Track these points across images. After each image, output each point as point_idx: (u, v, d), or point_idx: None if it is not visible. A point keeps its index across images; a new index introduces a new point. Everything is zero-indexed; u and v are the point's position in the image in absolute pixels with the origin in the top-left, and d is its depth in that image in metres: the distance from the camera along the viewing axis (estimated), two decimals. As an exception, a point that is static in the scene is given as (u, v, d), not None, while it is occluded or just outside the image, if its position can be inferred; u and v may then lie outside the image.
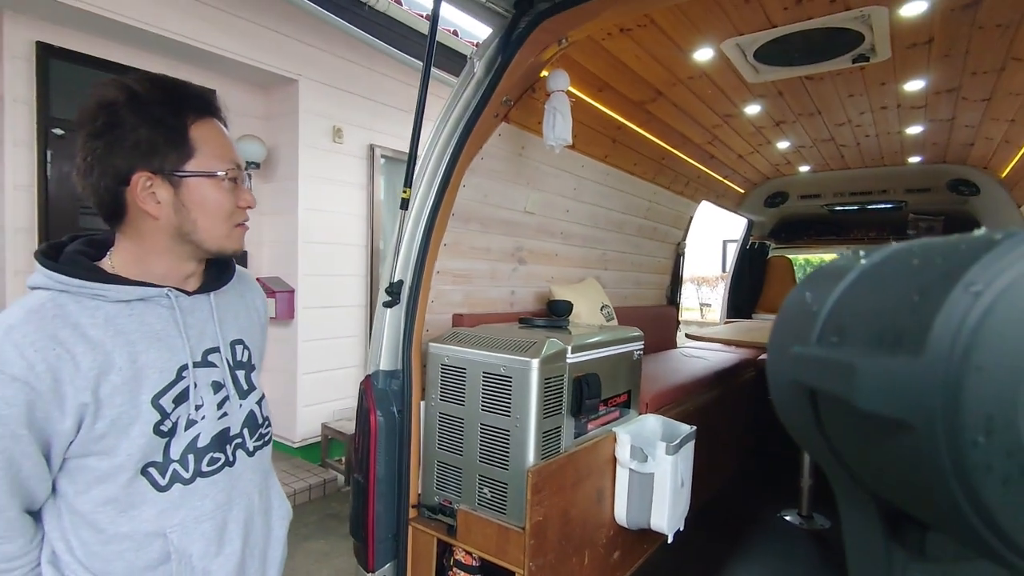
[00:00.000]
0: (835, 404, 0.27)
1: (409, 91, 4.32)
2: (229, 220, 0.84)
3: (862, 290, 0.28)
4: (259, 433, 0.96)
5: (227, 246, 0.85)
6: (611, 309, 2.56)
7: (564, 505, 1.60)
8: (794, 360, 0.31)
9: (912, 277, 0.24)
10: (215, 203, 0.81)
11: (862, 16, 1.68)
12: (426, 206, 1.69)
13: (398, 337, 1.69)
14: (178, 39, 2.97)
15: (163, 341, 0.81)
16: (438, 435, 1.68)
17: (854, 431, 0.27)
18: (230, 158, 0.83)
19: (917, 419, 0.21)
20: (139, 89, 0.77)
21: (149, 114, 0.76)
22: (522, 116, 1.97)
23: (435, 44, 1.66)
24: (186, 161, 0.79)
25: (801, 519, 2.53)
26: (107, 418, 0.75)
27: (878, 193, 3.87)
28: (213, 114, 0.83)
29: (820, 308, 0.30)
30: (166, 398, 0.80)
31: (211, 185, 0.81)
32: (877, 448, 0.25)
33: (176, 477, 0.82)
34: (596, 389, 1.69)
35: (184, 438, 0.83)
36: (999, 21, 1.64)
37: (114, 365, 0.75)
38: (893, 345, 0.23)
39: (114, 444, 0.76)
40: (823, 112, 2.59)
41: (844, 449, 0.29)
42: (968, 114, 2.45)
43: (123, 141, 0.75)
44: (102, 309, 0.76)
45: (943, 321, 0.21)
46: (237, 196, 0.84)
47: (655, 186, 3.11)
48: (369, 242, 4.15)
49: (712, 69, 2.13)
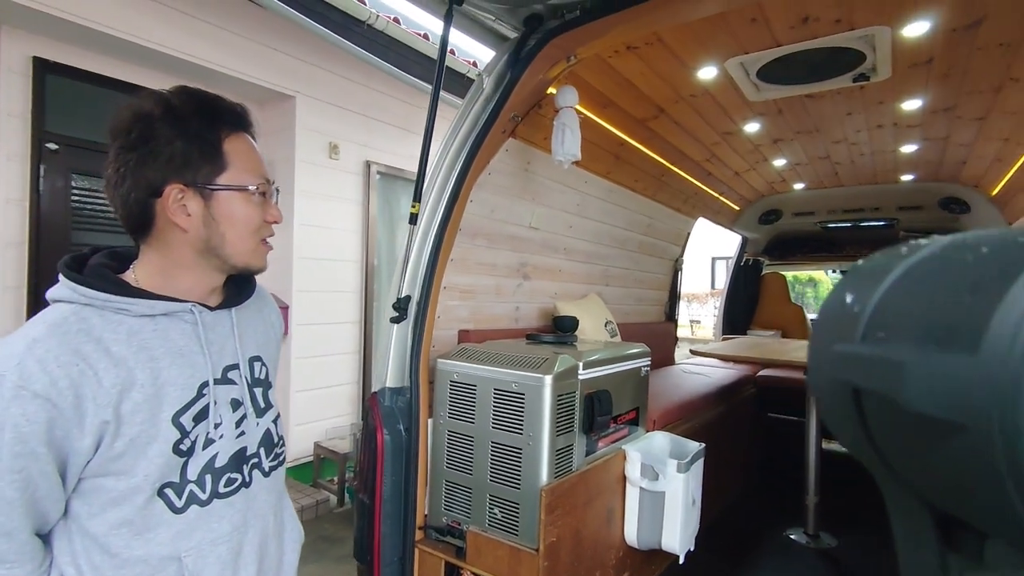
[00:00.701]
0: (882, 404, 0.26)
1: (405, 108, 4.34)
2: (256, 235, 0.84)
3: (910, 286, 0.27)
4: (275, 453, 0.94)
5: (253, 262, 0.85)
6: (615, 325, 2.54)
7: (576, 525, 1.56)
8: (837, 358, 0.30)
9: (965, 272, 0.23)
10: (244, 217, 0.81)
11: (866, 36, 1.71)
12: (434, 221, 1.68)
13: (405, 353, 1.66)
14: (175, 55, 2.95)
15: (185, 357, 0.79)
16: (446, 454, 1.64)
17: (902, 432, 0.25)
18: (261, 172, 0.84)
19: (971, 420, 0.20)
20: (175, 102, 0.77)
21: (185, 127, 0.76)
22: (528, 132, 1.98)
23: (444, 68, 1.66)
24: (219, 174, 0.79)
25: (808, 538, 2.51)
26: (126, 437, 0.72)
27: (870, 211, 3.92)
28: (245, 129, 0.84)
29: (863, 306, 0.28)
30: (186, 416, 0.78)
31: (242, 199, 0.81)
32: (927, 450, 0.24)
33: (193, 498, 0.79)
34: (607, 406, 1.67)
35: (202, 458, 0.80)
36: (1000, 41, 1.68)
37: (136, 382, 0.73)
38: (945, 343, 0.22)
39: (132, 464, 0.73)
40: (821, 130, 2.63)
41: (892, 452, 0.28)
42: (962, 133, 2.51)
43: (158, 153, 0.75)
44: (125, 324, 0.75)
45: (1001, 319, 0.20)
46: (265, 211, 0.84)
47: (655, 203, 3.12)
48: (364, 258, 4.12)
49: (714, 87, 2.15)
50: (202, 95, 0.81)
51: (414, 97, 4.30)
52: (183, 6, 2.98)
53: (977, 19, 1.59)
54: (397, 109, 4.29)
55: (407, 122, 4.38)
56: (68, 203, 2.84)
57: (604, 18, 1.53)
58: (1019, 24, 1.58)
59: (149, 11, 2.84)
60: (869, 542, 2.54)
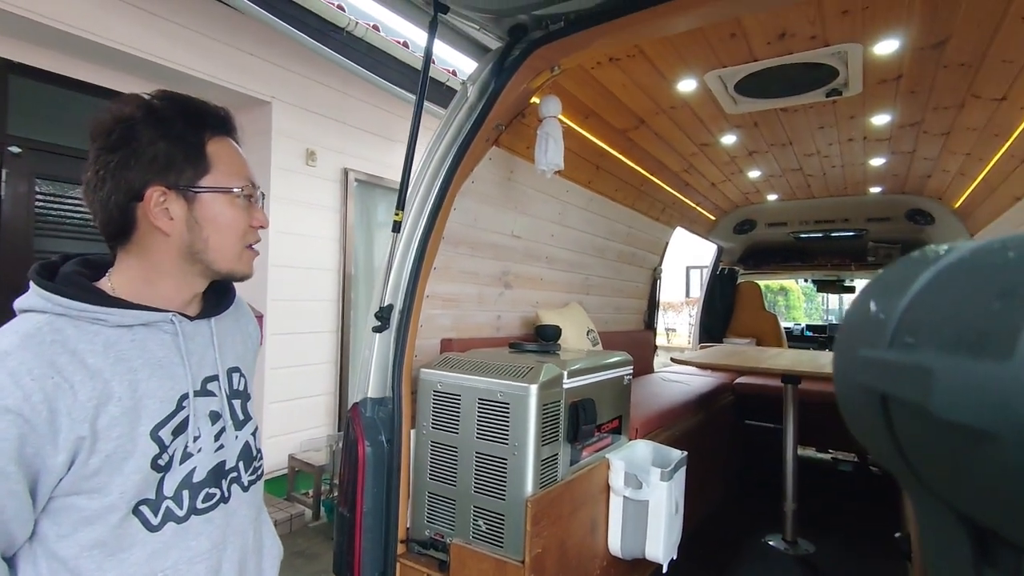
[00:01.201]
0: (910, 412, 0.25)
1: (384, 116, 4.31)
2: (241, 239, 0.81)
3: (938, 291, 0.26)
4: (253, 466, 0.90)
5: (237, 268, 0.82)
6: (596, 334, 2.55)
7: (562, 536, 1.55)
8: (864, 363, 0.29)
9: (994, 277, 0.23)
10: (228, 220, 0.78)
11: (839, 52, 1.76)
12: (418, 229, 1.66)
13: (387, 363, 1.63)
14: (147, 58, 2.88)
15: (165, 368, 0.76)
16: (429, 465, 1.61)
17: (932, 442, 0.25)
18: (245, 175, 0.81)
19: (1004, 429, 0.20)
20: (157, 104, 0.75)
21: (168, 129, 0.74)
22: (511, 140, 1.98)
23: (428, 76, 1.66)
24: (202, 177, 0.77)
25: (786, 544, 2.54)
26: (102, 452, 0.68)
27: (841, 222, 4.04)
28: (229, 132, 0.82)
29: (890, 313, 0.28)
30: (165, 430, 0.74)
31: (226, 202, 0.78)
32: (959, 460, 0.23)
33: (169, 515, 0.75)
34: (592, 415, 1.66)
35: (179, 472, 0.76)
36: (962, 61, 1.75)
37: (113, 395, 0.70)
38: (975, 349, 0.21)
39: (107, 481, 0.69)
40: (794, 143, 2.70)
41: (922, 462, 0.27)
42: (928, 147, 2.60)
43: (140, 155, 0.73)
44: (102, 334, 0.71)
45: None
46: (250, 215, 0.82)
47: (634, 212, 3.16)
48: (341, 266, 4.06)
49: (693, 99, 2.19)
50: (185, 98, 0.79)
51: (393, 105, 4.28)
52: (155, 8, 2.91)
53: (942, 39, 1.66)
54: (375, 116, 4.26)
55: (386, 129, 4.36)
56: (31, 209, 2.73)
57: (587, 30, 1.54)
58: (980, 45, 1.65)
59: (119, 13, 2.77)
60: (845, 548, 2.59)
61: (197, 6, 3.08)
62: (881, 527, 2.78)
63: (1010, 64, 1.71)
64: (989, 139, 2.28)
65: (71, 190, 2.87)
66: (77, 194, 2.89)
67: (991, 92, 1.92)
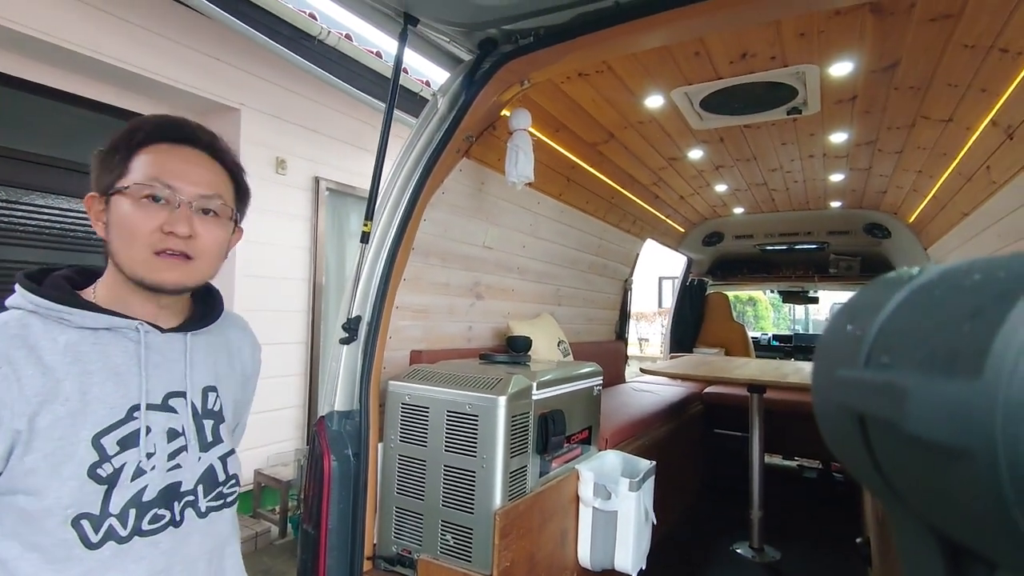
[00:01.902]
0: (886, 430, 0.26)
1: (356, 125, 4.29)
2: (147, 244, 0.74)
3: (911, 311, 0.27)
4: (218, 492, 0.85)
5: (145, 275, 0.75)
6: (567, 345, 2.57)
7: (531, 549, 1.54)
8: (840, 383, 0.30)
9: (965, 297, 0.23)
10: (125, 221, 0.74)
11: (797, 73, 1.83)
12: (387, 239, 1.65)
13: (354, 375, 1.61)
14: (111, 62, 2.81)
15: (120, 376, 0.75)
16: (397, 479, 1.59)
17: (908, 459, 0.25)
18: (157, 176, 0.75)
19: (975, 445, 0.20)
20: (135, 122, 0.79)
21: (114, 140, 0.77)
22: (482, 152, 1.99)
23: (398, 86, 1.66)
24: (118, 179, 0.76)
25: (753, 551, 2.58)
26: (40, 452, 0.67)
27: (804, 235, 4.17)
28: (179, 141, 0.79)
29: (865, 333, 0.28)
30: (109, 438, 0.72)
31: (127, 203, 0.75)
32: (934, 477, 0.24)
33: (111, 534, 0.71)
34: (561, 426, 1.67)
35: (128, 489, 0.73)
36: (911, 84, 1.84)
37: (61, 394, 0.69)
38: (948, 367, 0.22)
39: (44, 483, 0.67)
40: (758, 158, 2.78)
41: (898, 479, 0.28)
42: (883, 165, 2.72)
43: (92, 165, 0.78)
44: (65, 334, 0.72)
45: (1003, 343, 0.20)
46: (161, 218, 0.75)
47: (605, 224, 3.20)
48: (312, 276, 4.00)
49: (661, 115, 2.24)
50: (162, 118, 0.80)
51: (365, 114, 4.26)
52: (118, 11, 2.84)
53: (892, 62, 1.74)
54: (347, 125, 4.23)
55: (357, 138, 4.33)
56: (-18, 216, 2.62)
57: (557, 45, 1.57)
58: (927, 69, 1.74)
59: (79, 14, 2.70)
60: (810, 555, 2.64)
61: (164, 10, 3.02)
62: (844, 532, 2.84)
63: (955, 88, 1.80)
64: (938, 158, 2.40)
65: (25, 196, 2.76)
66: (31, 200, 2.78)
67: (939, 113, 2.02)
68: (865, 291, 0.33)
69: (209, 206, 0.79)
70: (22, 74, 2.71)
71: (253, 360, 1.01)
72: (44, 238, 2.81)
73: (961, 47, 1.55)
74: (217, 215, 0.81)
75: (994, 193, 2.06)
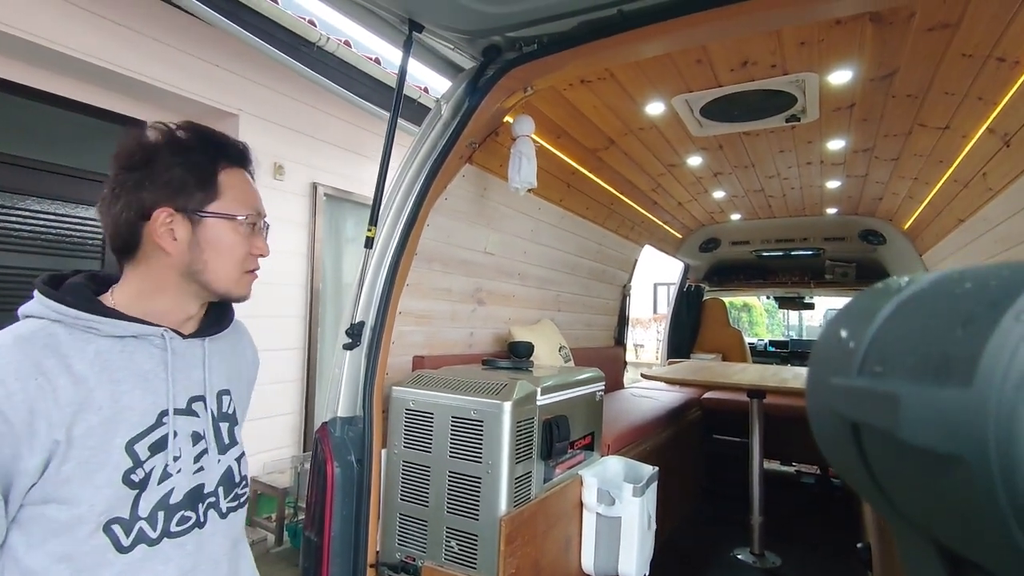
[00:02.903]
0: (880, 438, 0.26)
1: (354, 131, 4.29)
2: (240, 265, 0.84)
3: (903, 320, 0.27)
4: (234, 493, 0.88)
5: (235, 290, 0.85)
6: (568, 350, 2.57)
7: (535, 555, 1.54)
8: (834, 392, 0.30)
9: (956, 305, 0.24)
10: (229, 245, 0.82)
11: (797, 81, 1.85)
12: (391, 245, 1.65)
13: (358, 381, 1.60)
14: (109, 67, 2.80)
15: (149, 382, 0.77)
16: (401, 485, 1.58)
17: (903, 468, 0.25)
18: (252, 205, 0.85)
19: (968, 452, 0.20)
20: (180, 134, 0.80)
21: (185, 156, 0.79)
22: (484, 158, 2.00)
23: (402, 92, 1.66)
24: (210, 203, 0.81)
25: (754, 557, 2.58)
26: (75, 460, 0.68)
27: (800, 241, 4.20)
28: (244, 165, 0.86)
29: (859, 342, 0.29)
30: (141, 444, 0.74)
31: (228, 227, 0.82)
32: (928, 486, 0.24)
33: (141, 536, 0.73)
34: (565, 431, 1.67)
35: (156, 492, 0.75)
36: (909, 92, 1.87)
37: (94, 403, 0.70)
38: (940, 375, 0.22)
39: (77, 491, 0.68)
40: (756, 165, 2.80)
41: (894, 488, 0.28)
42: (879, 172, 2.74)
43: (155, 177, 0.77)
44: (93, 343, 0.73)
45: (993, 350, 0.20)
46: (252, 243, 0.85)
47: (604, 230, 3.22)
48: (309, 282, 3.98)
49: (661, 121, 2.26)
50: (207, 130, 0.84)
51: (363, 120, 4.26)
52: (117, 16, 2.84)
53: (891, 71, 1.76)
54: (345, 131, 4.23)
55: (356, 144, 4.33)
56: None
57: (560, 53, 1.58)
58: (924, 77, 1.77)
59: (79, 20, 2.69)
60: (811, 560, 2.65)
61: (162, 16, 3.02)
62: (843, 537, 2.85)
63: (952, 96, 1.83)
64: (934, 165, 2.42)
65: (21, 201, 2.74)
66: (28, 206, 2.76)
67: (935, 121, 2.04)
68: (858, 300, 0.33)
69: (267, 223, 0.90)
70: (18, 79, 2.70)
71: (254, 364, 1.04)
72: (40, 244, 2.79)
73: (959, 56, 1.57)
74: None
75: (990, 199, 2.08)
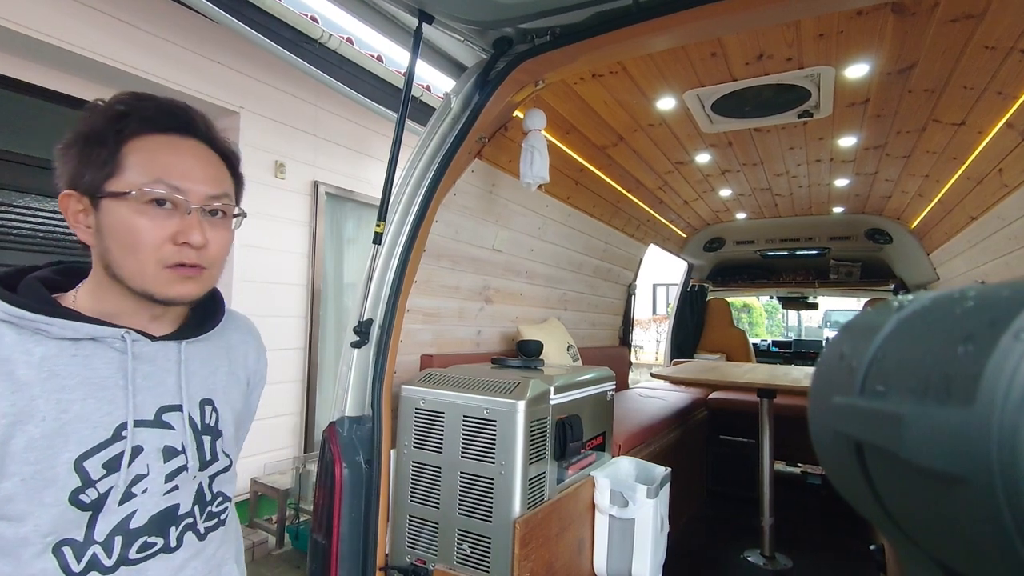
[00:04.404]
0: (884, 458, 0.26)
1: (355, 129, 4.25)
2: (154, 256, 0.67)
3: (904, 339, 0.27)
4: (208, 512, 0.78)
5: (156, 290, 0.68)
6: (576, 349, 2.53)
7: (549, 558, 1.50)
8: (837, 411, 0.30)
9: (956, 324, 0.23)
10: (129, 231, 0.66)
11: (812, 75, 1.82)
12: (399, 240, 1.61)
13: (366, 380, 1.56)
14: (111, 64, 2.76)
15: (105, 391, 0.67)
16: (411, 486, 1.55)
17: (906, 487, 0.25)
18: (161, 177, 0.66)
19: (972, 472, 0.20)
20: (98, 104, 0.68)
21: (88, 126, 0.67)
22: (493, 153, 1.96)
23: (412, 83, 1.63)
24: (107, 179, 0.66)
25: (764, 559, 2.54)
26: (16, 476, 0.60)
27: (805, 240, 4.18)
28: (176, 130, 0.70)
29: (860, 361, 0.29)
30: (93, 460, 0.65)
31: (127, 208, 0.66)
32: (931, 506, 0.23)
33: (94, 563, 0.65)
34: (579, 431, 1.63)
35: (115, 515, 0.66)
36: (926, 86, 1.84)
37: (36, 413, 0.62)
38: (941, 395, 0.22)
39: (23, 509, 0.61)
40: (765, 163, 2.78)
41: (898, 509, 0.27)
42: (889, 169, 2.72)
43: (62, 158, 0.67)
44: (41, 346, 0.64)
45: (994, 369, 0.20)
46: (172, 227, 0.67)
47: (610, 228, 3.18)
48: (310, 281, 3.94)
49: (671, 117, 2.23)
50: (126, 95, 0.69)
51: (365, 118, 4.23)
52: (116, 11, 2.80)
53: (909, 64, 1.73)
54: (347, 129, 4.20)
55: (357, 143, 4.29)
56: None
57: (573, 45, 1.54)
58: (944, 71, 1.74)
59: (76, 14, 2.65)
60: (823, 562, 2.61)
61: (163, 12, 2.98)
62: (854, 539, 2.82)
63: (970, 90, 1.80)
64: (947, 162, 2.40)
65: (19, 198, 2.70)
66: (27, 203, 2.72)
67: (951, 117, 2.01)
68: (858, 318, 0.33)
69: (216, 206, 0.71)
70: (17, 75, 2.66)
71: (258, 365, 0.91)
72: (38, 241, 2.74)
73: (981, 48, 1.54)
74: (224, 215, 0.73)
75: (1006, 196, 2.06)
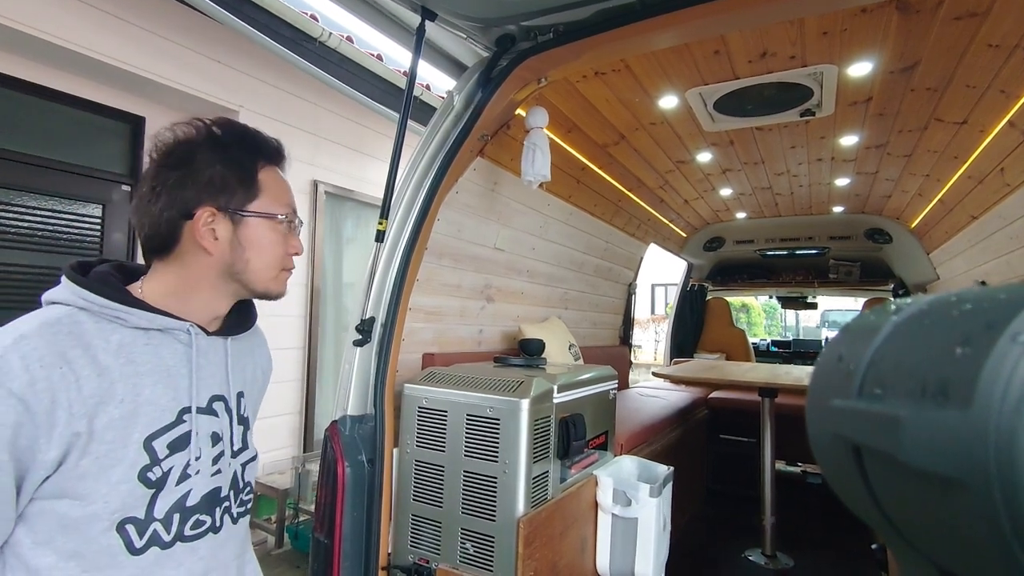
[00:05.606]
0: (882, 461, 0.26)
1: (355, 128, 4.24)
2: (279, 262, 0.84)
3: (901, 342, 0.27)
4: (240, 499, 0.86)
5: (273, 288, 0.85)
6: (577, 348, 2.53)
7: (553, 558, 1.49)
8: (835, 413, 0.30)
9: (953, 327, 0.24)
10: (269, 244, 0.82)
11: (815, 73, 1.82)
12: (402, 239, 1.61)
13: (368, 378, 1.56)
14: (110, 62, 2.74)
15: (171, 378, 0.75)
16: (414, 485, 1.54)
17: (905, 490, 0.25)
18: (289, 203, 0.85)
19: (969, 475, 0.20)
20: (217, 131, 0.80)
21: (225, 153, 0.79)
22: (496, 151, 1.96)
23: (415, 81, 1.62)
24: (251, 201, 0.80)
25: (766, 558, 2.54)
26: (94, 455, 0.66)
27: (804, 240, 4.18)
28: (279, 162, 0.86)
29: (858, 364, 0.29)
30: (160, 441, 0.71)
31: (269, 227, 0.82)
32: (929, 508, 0.24)
33: (155, 539, 0.71)
34: (582, 430, 1.63)
35: (173, 493, 0.73)
36: (929, 85, 1.84)
37: (116, 396, 0.68)
38: (939, 398, 0.22)
39: (93, 487, 0.65)
40: (766, 162, 2.77)
41: (896, 512, 0.28)
42: (890, 168, 2.72)
43: (197, 175, 0.77)
44: (118, 333, 0.71)
45: (991, 372, 0.20)
46: (288, 241, 0.85)
47: (611, 227, 3.18)
48: (310, 281, 3.93)
49: (673, 116, 2.23)
50: (244, 127, 0.84)
51: (365, 117, 4.22)
52: (118, 10, 2.78)
53: (912, 63, 1.73)
54: (346, 128, 4.19)
55: (357, 142, 4.28)
56: None
57: (576, 42, 1.54)
58: (947, 70, 1.74)
59: (75, 11, 2.63)
60: (824, 561, 2.61)
61: (163, 10, 2.97)
62: (855, 538, 2.82)
63: (973, 89, 1.80)
64: (948, 161, 2.40)
65: (18, 197, 2.68)
66: (25, 202, 2.70)
67: (953, 116, 2.01)
68: (857, 320, 0.33)
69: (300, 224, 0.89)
70: (15, 73, 2.64)
71: (269, 365, 1.02)
72: (36, 240, 2.73)
73: (984, 46, 1.54)
74: None
75: (1007, 195, 2.06)
